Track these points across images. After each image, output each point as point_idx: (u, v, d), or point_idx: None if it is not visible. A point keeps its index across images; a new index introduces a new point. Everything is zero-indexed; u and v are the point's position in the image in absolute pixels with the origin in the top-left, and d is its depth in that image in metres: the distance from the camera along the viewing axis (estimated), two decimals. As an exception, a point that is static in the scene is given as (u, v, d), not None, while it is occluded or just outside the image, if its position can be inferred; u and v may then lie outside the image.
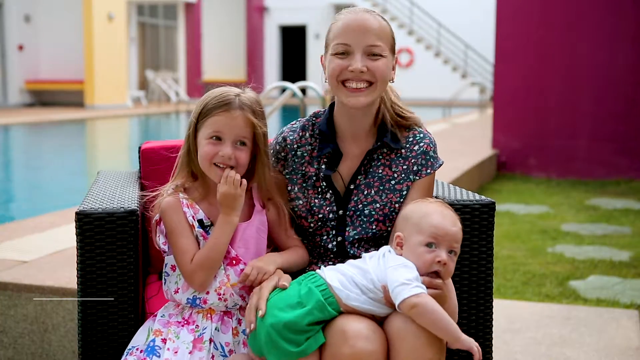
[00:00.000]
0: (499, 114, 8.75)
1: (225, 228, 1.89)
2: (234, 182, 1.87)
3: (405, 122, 2.09)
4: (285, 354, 1.74)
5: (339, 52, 1.97)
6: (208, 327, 1.92)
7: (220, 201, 1.88)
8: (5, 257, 3.37)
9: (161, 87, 22.49)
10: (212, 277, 1.91)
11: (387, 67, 1.98)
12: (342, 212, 2.04)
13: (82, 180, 8.68)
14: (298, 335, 1.73)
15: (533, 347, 3.10)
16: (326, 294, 1.78)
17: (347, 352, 1.71)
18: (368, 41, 1.95)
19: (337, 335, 1.74)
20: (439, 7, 26.62)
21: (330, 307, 1.77)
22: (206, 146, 1.92)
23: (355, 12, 2.00)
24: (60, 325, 2.94)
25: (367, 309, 1.78)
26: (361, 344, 1.71)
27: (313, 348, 1.74)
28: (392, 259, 1.82)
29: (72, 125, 16.18)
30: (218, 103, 1.93)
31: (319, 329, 1.76)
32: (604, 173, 8.17)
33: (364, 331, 1.72)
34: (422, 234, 1.82)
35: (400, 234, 1.86)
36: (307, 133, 2.10)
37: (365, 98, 1.97)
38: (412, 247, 1.82)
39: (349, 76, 1.95)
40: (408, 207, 1.93)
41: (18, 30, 21.02)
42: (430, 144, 2.07)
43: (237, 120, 1.92)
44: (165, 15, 26.15)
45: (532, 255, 4.81)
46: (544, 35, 8.35)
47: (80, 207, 1.98)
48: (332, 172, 2.05)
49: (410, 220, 1.86)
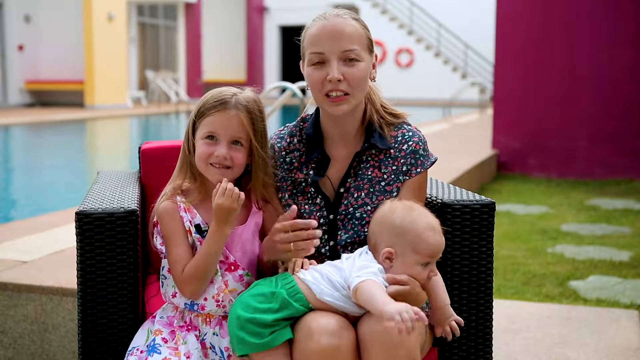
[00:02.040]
0: (499, 114, 8.75)
1: (217, 239, 1.85)
2: (232, 195, 1.82)
3: (395, 120, 2.07)
4: (249, 346, 1.75)
5: (314, 63, 1.95)
6: (208, 333, 1.92)
7: (215, 212, 1.84)
8: (5, 257, 3.37)
9: (161, 88, 22.48)
10: (204, 286, 1.89)
11: (364, 71, 1.95)
12: (332, 216, 2.03)
13: (82, 180, 8.68)
14: (262, 329, 1.74)
15: (533, 348, 3.10)
16: (293, 291, 1.78)
17: (312, 347, 1.71)
18: (342, 47, 1.92)
19: (304, 331, 1.74)
20: (439, 7, 26.62)
21: (297, 303, 1.77)
22: (202, 146, 1.91)
23: (325, 17, 1.97)
24: (60, 325, 2.94)
25: (340, 306, 1.78)
26: (326, 339, 1.70)
27: (277, 342, 1.74)
28: (360, 262, 1.82)
29: (72, 126, 16.18)
30: (214, 103, 1.91)
31: (286, 324, 1.76)
32: (604, 173, 8.17)
33: (329, 327, 1.72)
34: (419, 253, 1.81)
35: (391, 250, 1.82)
36: (295, 139, 2.09)
37: (346, 106, 1.95)
38: (408, 265, 1.81)
39: (329, 87, 1.93)
40: (393, 215, 1.85)
41: (18, 30, 21.01)
42: (419, 142, 2.03)
43: (232, 120, 1.90)
44: (165, 16, 26.15)
45: (532, 255, 4.81)
46: (544, 35, 8.35)
47: (80, 207, 1.98)
48: (320, 177, 2.03)
49: (403, 237, 1.81)
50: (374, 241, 1.87)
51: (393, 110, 2.09)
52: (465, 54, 26.70)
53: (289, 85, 7.13)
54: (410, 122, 2.11)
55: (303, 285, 1.80)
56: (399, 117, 2.08)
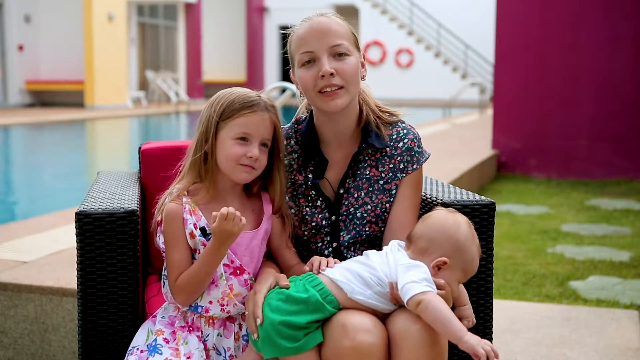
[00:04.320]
0: (499, 114, 8.75)
1: (212, 260, 1.84)
2: (234, 218, 1.79)
3: (392, 119, 2.07)
4: (282, 349, 1.74)
5: (305, 62, 1.96)
6: (211, 334, 1.92)
7: (215, 235, 1.81)
8: (5, 257, 3.37)
9: (161, 88, 22.49)
10: (196, 297, 1.89)
11: (355, 66, 1.96)
12: (334, 217, 2.04)
13: (82, 180, 8.68)
14: (296, 332, 1.73)
15: (533, 348, 3.10)
16: (324, 292, 1.78)
17: (347, 344, 1.70)
18: (330, 42, 1.94)
19: (337, 329, 1.73)
20: (439, 7, 26.63)
21: (329, 305, 1.77)
22: (233, 147, 1.89)
23: (309, 19, 1.99)
24: (60, 325, 2.94)
25: (370, 304, 1.78)
26: (362, 336, 1.70)
27: (310, 345, 1.73)
28: (404, 258, 1.82)
29: (72, 126, 16.18)
30: (245, 103, 1.90)
31: (317, 326, 1.76)
32: (604, 173, 8.17)
33: (364, 324, 1.72)
34: (465, 274, 1.85)
35: (447, 261, 1.81)
36: (292, 141, 2.10)
37: (341, 100, 1.95)
38: (451, 279, 1.83)
39: (323, 83, 1.93)
40: (459, 231, 1.84)
41: (18, 30, 21.02)
42: (414, 139, 2.05)
43: (265, 122, 1.91)
44: (165, 16, 26.15)
45: (532, 255, 4.81)
46: (544, 35, 8.35)
47: (80, 207, 1.98)
48: (319, 179, 2.04)
49: (461, 255, 1.82)
50: (425, 245, 1.84)
51: (388, 110, 2.10)
52: (465, 54, 26.70)
53: (289, 86, 7.14)
54: (406, 121, 2.12)
55: (332, 285, 1.80)
56: (395, 115, 2.10)
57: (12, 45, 20.90)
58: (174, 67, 26.04)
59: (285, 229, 2.01)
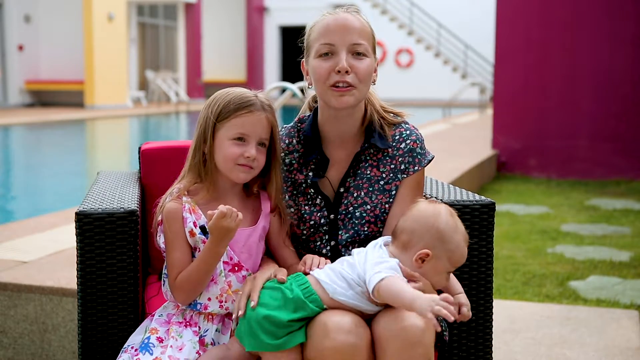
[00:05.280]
0: (498, 114, 8.76)
1: (211, 259, 1.85)
2: (231, 215, 1.80)
3: (396, 120, 2.08)
4: (262, 345, 1.74)
5: (323, 53, 1.95)
6: (210, 330, 1.92)
7: (213, 232, 1.82)
8: (5, 257, 3.37)
9: (161, 88, 22.48)
10: (196, 295, 1.90)
11: (370, 68, 1.97)
12: (333, 216, 2.04)
13: (82, 180, 8.68)
14: (278, 329, 1.74)
15: (533, 348, 3.10)
16: (308, 292, 1.78)
17: (328, 345, 1.70)
18: (352, 39, 1.94)
19: (319, 328, 1.73)
20: (439, 7, 26.62)
21: (313, 304, 1.77)
22: (231, 147, 1.90)
23: (336, 12, 1.99)
24: (60, 325, 2.94)
25: (353, 304, 1.78)
26: (342, 337, 1.70)
27: (290, 344, 1.73)
28: (374, 256, 1.82)
29: (72, 126, 16.18)
30: (241, 104, 1.91)
31: (301, 325, 1.76)
32: (604, 173, 8.17)
33: (346, 325, 1.71)
34: (451, 262, 1.83)
35: (429, 253, 1.80)
36: (293, 140, 2.09)
37: (351, 98, 1.95)
38: (437, 270, 1.82)
39: (336, 78, 1.93)
40: (439, 219, 1.83)
41: (18, 30, 21.02)
42: (417, 141, 2.04)
43: (262, 122, 1.91)
44: (165, 16, 26.15)
45: (532, 255, 4.81)
46: (544, 35, 8.35)
47: (80, 207, 1.98)
48: (319, 178, 2.04)
49: (444, 244, 1.81)
50: (407, 238, 1.83)
51: (393, 110, 2.10)
52: (465, 54, 26.70)
53: (289, 86, 7.14)
54: (408, 122, 2.11)
55: (317, 285, 1.80)
56: (400, 116, 2.10)
57: (12, 45, 20.90)
58: (174, 67, 26.03)
59: (283, 227, 2.01)
